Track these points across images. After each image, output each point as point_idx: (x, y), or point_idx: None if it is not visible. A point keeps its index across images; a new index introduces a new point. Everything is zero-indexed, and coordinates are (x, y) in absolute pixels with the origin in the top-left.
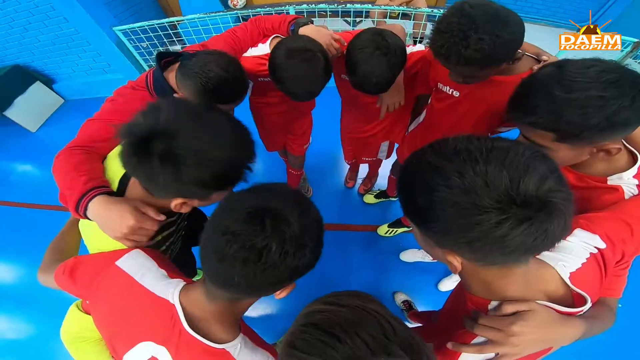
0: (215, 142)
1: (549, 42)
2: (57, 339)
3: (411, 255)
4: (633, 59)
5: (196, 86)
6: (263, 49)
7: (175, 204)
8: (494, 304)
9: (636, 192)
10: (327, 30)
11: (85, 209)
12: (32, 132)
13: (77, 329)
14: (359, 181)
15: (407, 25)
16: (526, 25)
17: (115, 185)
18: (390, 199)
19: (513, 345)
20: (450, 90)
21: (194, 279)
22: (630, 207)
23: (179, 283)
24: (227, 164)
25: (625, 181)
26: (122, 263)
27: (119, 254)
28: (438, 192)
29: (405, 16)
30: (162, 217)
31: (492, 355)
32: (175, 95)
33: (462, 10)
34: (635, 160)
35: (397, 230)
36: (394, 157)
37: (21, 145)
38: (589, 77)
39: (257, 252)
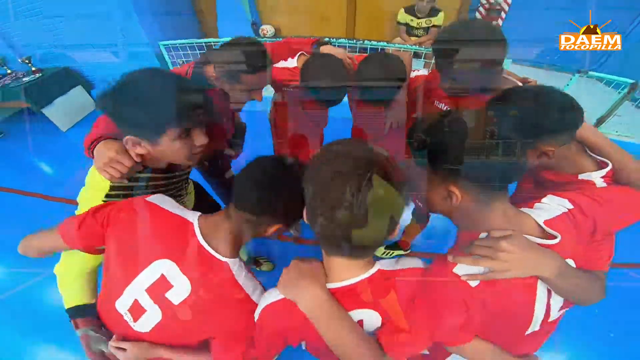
0: (150, 91)
1: None
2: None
3: None
4: (631, 101)
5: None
6: (291, 62)
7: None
8: (483, 235)
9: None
10: (342, 49)
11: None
12: (63, 131)
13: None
14: None
15: (419, 64)
16: None
17: None
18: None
19: (502, 261)
20: (443, 106)
21: None
22: (598, 190)
23: (197, 212)
24: (158, 108)
25: (594, 178)
26: (151, 198)
27: (145, 196)
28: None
29: (415, 55)
30: (138, 159)
31: (484, 270)
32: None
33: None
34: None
35: (392, 253)
36: None
37: (50, 142)
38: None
39: None
